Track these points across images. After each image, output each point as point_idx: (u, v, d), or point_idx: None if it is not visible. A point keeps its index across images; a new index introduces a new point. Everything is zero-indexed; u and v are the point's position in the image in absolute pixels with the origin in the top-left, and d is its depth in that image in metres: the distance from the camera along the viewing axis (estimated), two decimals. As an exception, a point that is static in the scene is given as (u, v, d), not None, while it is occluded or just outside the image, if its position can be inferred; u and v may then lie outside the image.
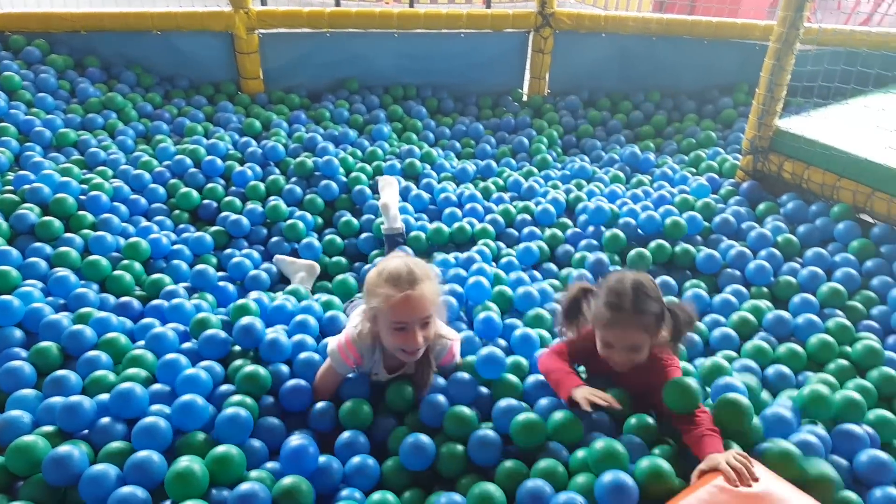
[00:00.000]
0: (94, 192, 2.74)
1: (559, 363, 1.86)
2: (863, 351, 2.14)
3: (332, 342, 1.93)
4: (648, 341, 1.74)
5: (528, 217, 3.00)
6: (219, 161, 3.13)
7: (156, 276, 2.45)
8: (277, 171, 3.22)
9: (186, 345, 2.06)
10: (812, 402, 1.83)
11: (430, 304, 1.77)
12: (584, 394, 1.71)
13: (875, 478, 1.72)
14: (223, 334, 2.04)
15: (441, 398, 1.86)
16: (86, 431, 1.75)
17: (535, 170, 3.48)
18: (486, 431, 1.77)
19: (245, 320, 2.05)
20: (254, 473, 1.69)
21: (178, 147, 3.24)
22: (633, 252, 2.66)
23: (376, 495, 1.64)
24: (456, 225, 2.90)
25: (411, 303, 1.73)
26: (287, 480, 1.62)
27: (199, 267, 2.51)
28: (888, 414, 1.88)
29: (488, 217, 2.99)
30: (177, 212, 2.92)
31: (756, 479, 1.48)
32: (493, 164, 3.48)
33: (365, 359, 1.90)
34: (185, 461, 1.60)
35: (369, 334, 1.86)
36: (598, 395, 1.71)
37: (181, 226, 2.87)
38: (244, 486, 1.58)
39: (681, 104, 4.19)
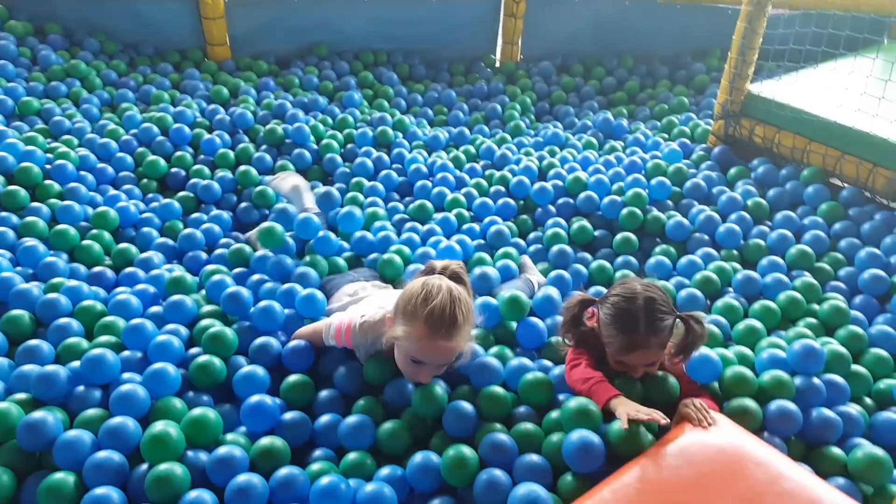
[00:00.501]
0: (59, 161, 2.67)
1: (589, 371, 1.74)
2: (830, 310, 2.18)
3: (334, 318, 1.90)
4: (662, 355, 1.74)
5: (501, 188, 2.96)
6: (186, 129, 3.07)
7: (123, 245, 2.41)
8: (247, 138, 3.16)
9: (154, 309, 2.05)
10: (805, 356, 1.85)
11: (457, 350, 1.70)
12: (628, 410, 1.57)
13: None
14: (189, 301, 2.04)
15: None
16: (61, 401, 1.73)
17: (509, 137, 3.47)
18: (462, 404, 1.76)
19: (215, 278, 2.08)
20: (230, 436, 1.70)
21: (145, 115, 3.17)
22: (619, 237, 2.64)
23: (352, 455, 1.65)
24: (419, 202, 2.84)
25: (439, 349, 1.67)
26: (264, 441, 1.64)
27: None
28: (860, 368, 1.94)
29: (463, 190, 2.94)
30: (145, 180, 2.87)
31: (713, 422, 1.55)
32: (467, 131, 3.46)
33: (358, 349, 1.87)
34: (160, 425, 1.59)
35: (375, 334, 1.80)
36: (642, 411, 1.56)
37: (150, 194, 2.82)
38: (222, 450, 1.59)
39: (654, 70, 4.20)
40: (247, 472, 1.57)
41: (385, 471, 1.62)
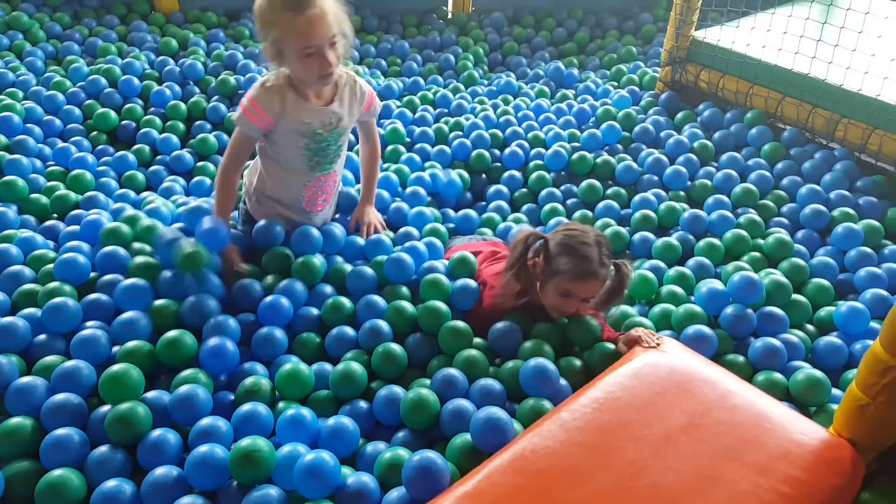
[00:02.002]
0: (5, 114, 2.61)
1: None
2: (774, 243, 2.28)
3: (238, 109, 1.91)
4: (598, 293, 1.81)
5: (459, 133, 2.99)
6: (136, 80, 3.02)
7: (90, 193, 2.35)
8: (198, 90, 3.12)
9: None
10: (744, 287, 1.96)
11: (335, 20, 1.74)
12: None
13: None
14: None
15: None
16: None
17: (462, 87, 3.49)
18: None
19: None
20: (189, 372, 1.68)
21: (92, 67, 3.10)
22: (584, 184, 2.67)
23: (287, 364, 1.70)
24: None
25: (315, 24, 1.69)
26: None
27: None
28: (800, 297, 2.05)
29: (418, 131, 2.97)
30: (94, 133, 2.82)
31: (661, 342, 1.66)
32: (421, 80, 3.47)
33: (277, 118, 1.87)
34: (119, 365, 1.59)
35: (276, 81, 1.84)
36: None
37: (99, 147, 2.77)
38: (183, 389, 1.58)
39: (602, 21, 4.25)
40: (209, 413, 1.58)
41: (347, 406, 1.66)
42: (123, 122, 2.88)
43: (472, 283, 1.95)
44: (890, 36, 2.59)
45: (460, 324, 1.82)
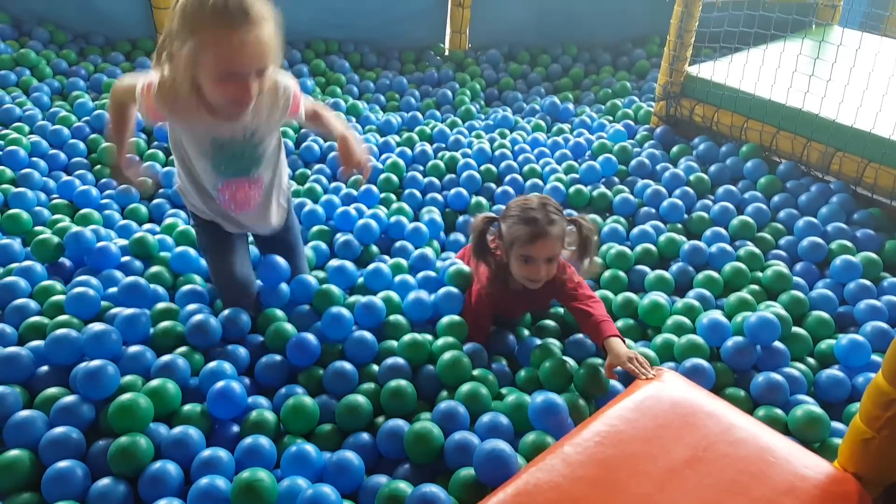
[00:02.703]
0: (11, 148, 2.66)
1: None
2: (772, 276, 2.29)
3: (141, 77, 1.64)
4: (560, 251, 1.88)
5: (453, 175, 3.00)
6: (139, 115, 3.05)
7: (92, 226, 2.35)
8: (201, 125, 3.15)
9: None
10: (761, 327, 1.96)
11: (269, 51, 1.49)
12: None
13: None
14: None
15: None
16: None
17: (460, 121, 3.53)
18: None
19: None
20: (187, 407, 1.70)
21: (97, 102, 3.15)
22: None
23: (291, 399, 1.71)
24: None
25: (247, 49, 1.43)
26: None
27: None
28: (800, 330, 2.06)
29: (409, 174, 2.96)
30: (98, 166, 2.85)
31: (655, 374, 1.67)
32: (419, 115, 3.51)
33: (170, 116, 1.65)
34: (128, 395, 1.59)
35: (182, 81, 1.52)
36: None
37: (103, 180, 2.79)
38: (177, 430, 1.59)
39: (597, 57, 4.33)
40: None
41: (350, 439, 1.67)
42: (127, 155, 2.89)
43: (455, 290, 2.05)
44: (881, 71, 2.64)
45: (457, 354, 1.83)
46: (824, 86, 2.65)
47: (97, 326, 1.74)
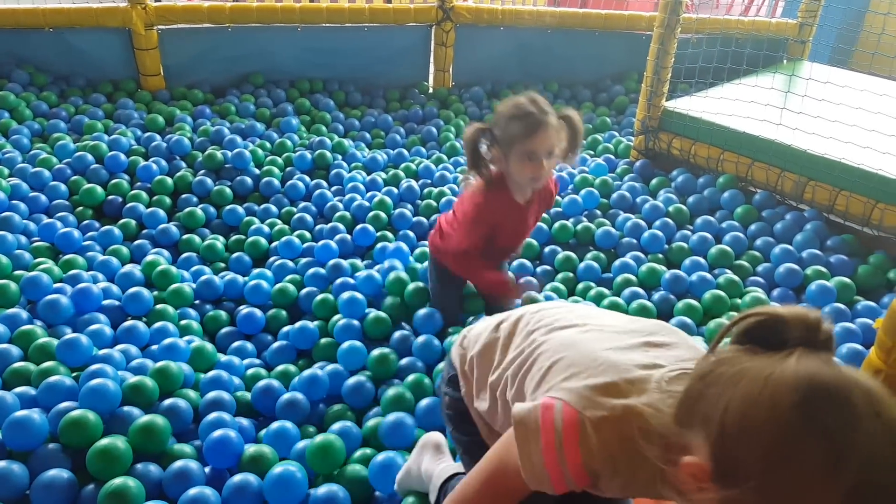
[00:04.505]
0: (-10, 190, 2.64)
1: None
2: (751, 302, 2.33)
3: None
4: (557, 144, 1.92)
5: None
6: (122, 156, 3.06)
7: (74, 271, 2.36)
8: (184, 164, 3.17)
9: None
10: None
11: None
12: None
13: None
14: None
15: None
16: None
17: (445, 157, 3.58)
18: None
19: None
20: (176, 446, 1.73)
21: (79, 144, 3.15)
22: (560, 256, 2.69)
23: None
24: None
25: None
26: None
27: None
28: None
29: (397, 210, 2.98)
30: (80, 208, 2.84)
31: None
32: (405, 152, 3.55)
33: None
34: (106, 439, 1.60)
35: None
36: None
37: (85, 222, 2.78)
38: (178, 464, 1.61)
39: (577, 93, 4.41)
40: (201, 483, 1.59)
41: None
42: (110, 197, 2.90)
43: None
44: (849, 103, 2.72)
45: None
46: (796, 118, 2.72)
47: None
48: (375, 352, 2.06)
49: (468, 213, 2.06)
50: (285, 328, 2.27)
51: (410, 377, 1.97)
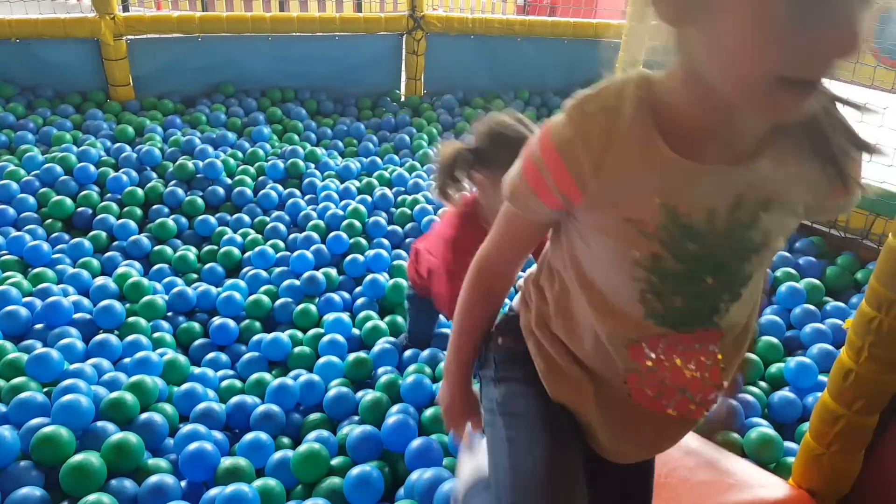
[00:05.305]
0: (-44, 204, 2.59)
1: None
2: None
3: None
4: None
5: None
6: (91, 167, 3.02)
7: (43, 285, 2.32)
8: (155, 175, 3.13)
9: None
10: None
11: None
12: None
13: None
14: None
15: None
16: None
17: (419, 165, 3.58)
18: None
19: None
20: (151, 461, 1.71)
21: (47, 156, 3.10)
22: None
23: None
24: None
25: None
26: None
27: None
28: (750, 355, 2.11)
29: (371, 219, 2.95)
30: (49, 220, 2.80)
31: None
32: (378, 160, 3.55)
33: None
34: (79, 455, 1.58)
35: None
36: None
37: (54, 234, 2.74)
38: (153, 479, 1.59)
39: (548, 101, 4.45)
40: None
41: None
42: (79, 208, 2.86)
43: None
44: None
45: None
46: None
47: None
48: (351, 356, 2.07)
49: (447, 256, 1.80)
50: (257, 336, 2.26)
51: (383, 378, 1.99)
